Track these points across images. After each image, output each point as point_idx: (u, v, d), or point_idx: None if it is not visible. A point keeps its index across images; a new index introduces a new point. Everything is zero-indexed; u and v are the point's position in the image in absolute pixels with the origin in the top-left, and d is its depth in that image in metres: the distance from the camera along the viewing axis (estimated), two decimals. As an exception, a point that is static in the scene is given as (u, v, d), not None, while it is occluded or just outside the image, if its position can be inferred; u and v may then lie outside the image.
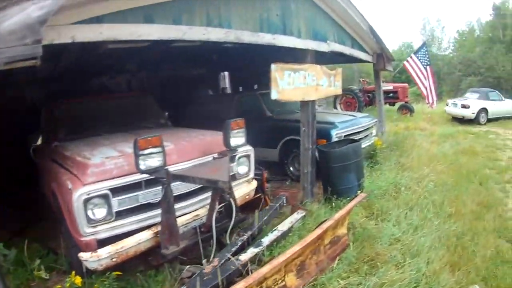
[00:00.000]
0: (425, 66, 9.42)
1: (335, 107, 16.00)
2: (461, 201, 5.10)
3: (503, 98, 14.40)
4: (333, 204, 4.97)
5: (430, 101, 9.79)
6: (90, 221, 2.96)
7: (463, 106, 13.34)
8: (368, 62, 7.50)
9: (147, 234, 3.13)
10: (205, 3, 3.51)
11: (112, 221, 3.07)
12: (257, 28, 4.15)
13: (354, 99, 15.28)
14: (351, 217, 4.46)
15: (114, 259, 2.96)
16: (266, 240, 3.70)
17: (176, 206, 3.25)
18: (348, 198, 4.94)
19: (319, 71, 5.36)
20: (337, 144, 5.70)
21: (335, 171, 5.24)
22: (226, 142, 3.64)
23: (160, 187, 3.06)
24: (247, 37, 4.00)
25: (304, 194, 5.43)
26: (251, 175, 4.44)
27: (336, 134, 6.22)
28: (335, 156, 5.26)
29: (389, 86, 15.76)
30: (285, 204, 4.72)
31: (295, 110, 6.74)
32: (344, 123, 6.56)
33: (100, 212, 3.01)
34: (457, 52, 32.40)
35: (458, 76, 24.55)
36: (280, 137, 6.66)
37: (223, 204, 3.54)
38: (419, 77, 9.35)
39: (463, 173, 6.47)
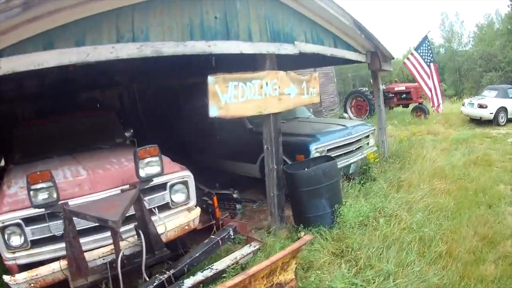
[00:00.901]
0: (428, 63, 8.06)
1: (345, 111, 14.90)
2: (459, 235, 4.07)
3: None
4: (300, 234, 4.24)
5: (436, 103, 8.42)
6: (9, 247, 3.11)
7: (480, 106, 11.58)
8: (360, 62, 6.54)
9: (57, 265, 3.13)
10: (114, 17, 3.15)
11: (29, 249, 3.17)
12: (186, 36, 3.58)
13: (365, 101, 14.09)
14: (312, 254, 3.72)
15: (32, 285, 3.06)
16: (189, 282, 3.17)
17: (90, 238, 3.29)
18: (318, 228, 4.29)
19: (284, 78, 4.59)
20: (313, 162, 4.87)
21: (302, 196, 4.49)
22: (136, 172, 3.31)
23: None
24: (170, 48, 3.45)
25: (272, 220, 4.77)
26: (192, 203, 3.96)
27: (316, 149, 5.37)
28: (301, 178, 4.49)
29: (401, 87, 14.41)
30: (232, 236, 3.99)
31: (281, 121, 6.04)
32: (327, 135, 5.69)
33: (16, 240, 3.12)
34: (477, 47, 29.83)
35: (479, 72, 22.62)
36: (259, 151, 5.93)
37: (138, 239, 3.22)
38: (421, 76, 8.05)
39: (470, 192, 5.33)
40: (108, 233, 3.14)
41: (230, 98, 3.88)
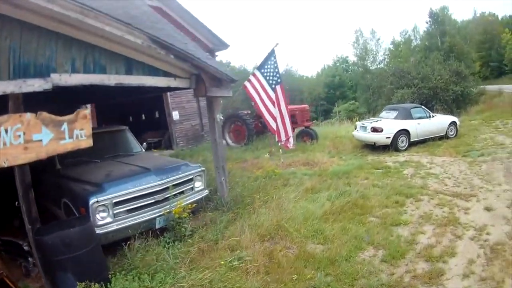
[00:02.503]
0: (273, 86, 6.74)
1: (224, 138, 13.78)
2: None
3: (432, 114, 11.40)
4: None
5: (283, 137, 7.42)
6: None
7: (374, 130, 10.06)
8: (182, 88, 5.42)
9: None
10: None
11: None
12: None
13: (244, 126, 12.83)
14: None
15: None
16: None
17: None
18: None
19: (32, 121, 3.56)
20: (78, 222, 3.69)
21: (48, 267, 3.52)
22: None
23: None
24: None
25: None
26: None
27: (97, 202, 4.16)
28: (44, 245, 3.43)
29: None
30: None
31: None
32: (118, 183, 4.47)
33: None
34: (390, 63, 31.02)
35: (390, 89, 22.74)
36: (59, 199, 4.85)
37: None
38: (263, 103, 6.90)
39: (309, 264, 4.04)
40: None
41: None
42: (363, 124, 10.90)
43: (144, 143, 6.83)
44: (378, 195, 6.15)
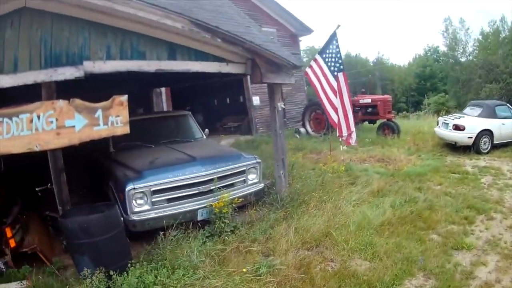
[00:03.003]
0: (334, 73, 5.70)
1: (304, 126, 12.91)
2: None
3: None
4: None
5: (345, 131, 6.17)
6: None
7: (456, 128, 8.54)
8: (237, 74, 5.06)
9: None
10: None
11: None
12: None
13: (324, 115, 11.52)
14: None
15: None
16: None
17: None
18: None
19: (65, 108, 3.67)
20: (103, 208, 3.72)
21: (70, 248, 3.67)
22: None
23: None
24: None
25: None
26: None
27: (134, 189, 4.17)
28: (65, 228, 3.50)
29: (367, 99, 12.00)
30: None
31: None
32: (159, 171, 4.40)
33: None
34: (479, 55, 25.54)
35: (479, 83, 18.99)
36: (107, 182, 4.96)
37: None
38: (325, 92, 5.67)
39: None
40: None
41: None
42: (446, 120, 9.27)
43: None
44: (448, 206, 5.22)
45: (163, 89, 10.16)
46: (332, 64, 5.53)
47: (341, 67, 5.60)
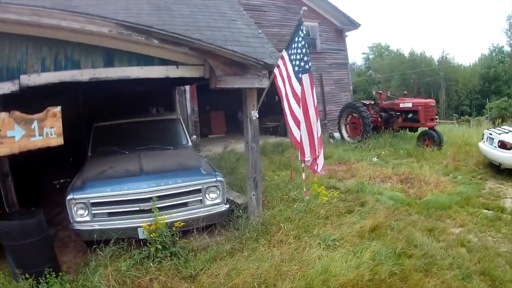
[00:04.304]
0: (299, 74, 4.26)
1: (339, 130, 11.64)
2: None
3: None
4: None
5: (307, 155, 4.40)
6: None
7: (502, 145, 6.67)
8: (192, 78, 4.70)
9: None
10: None
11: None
12: None
13: (360, 119, 10.62)
14: None
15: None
16: None
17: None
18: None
19: (6, 119, 3.83)
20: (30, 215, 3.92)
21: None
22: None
23: None
24: None
25: None
26: None
27: (74, 200, 4.18)
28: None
29: (407, 103, 10.29)
30: None
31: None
32: (103, 184, 4.30)
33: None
34: None
35: None
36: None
37: None
38: (288, 100, 4.36)
39: None
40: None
41: None
42: (491, 134, 7.23)
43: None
44: (454, 268, 3.70)
45: (187, 87, 10.10)
46: (297, 63, 4.24)
47: (307, 66, 4.24)
